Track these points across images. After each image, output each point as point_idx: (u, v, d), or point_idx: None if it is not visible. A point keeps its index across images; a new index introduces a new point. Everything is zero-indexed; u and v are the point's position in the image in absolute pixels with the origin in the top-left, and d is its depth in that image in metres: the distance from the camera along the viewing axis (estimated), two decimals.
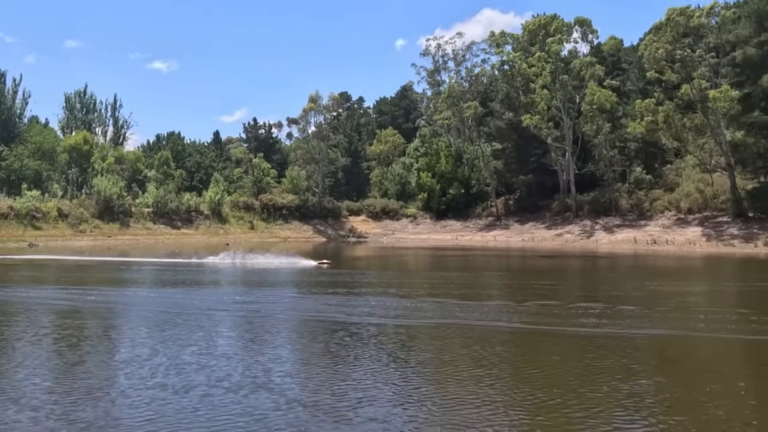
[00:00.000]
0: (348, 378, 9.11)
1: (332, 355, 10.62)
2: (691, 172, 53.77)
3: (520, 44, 65.26)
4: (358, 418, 7.30)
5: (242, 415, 7.36)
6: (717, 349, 11.65)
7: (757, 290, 20.98)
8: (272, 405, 7.76)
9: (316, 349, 11.26)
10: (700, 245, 43.48)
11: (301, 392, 8.37)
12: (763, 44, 46.09)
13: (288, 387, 8.61)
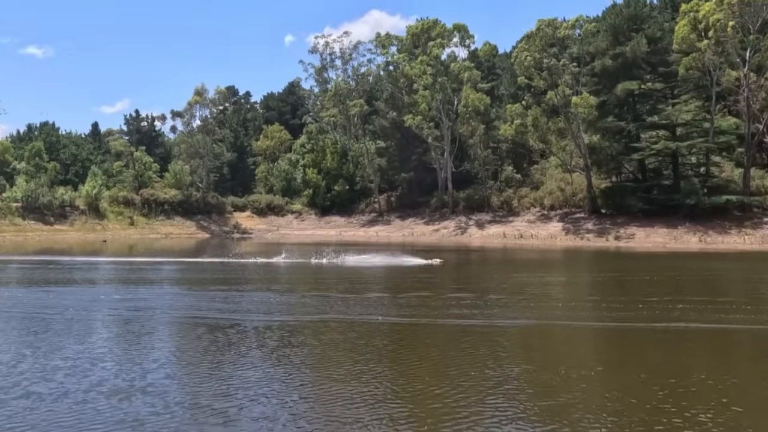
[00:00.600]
0: (232, 377, 8.93)
1: (215, 354, 10.35)
2: (554, 171, 57.46)
3: (405, 46, 66.98)
4: (243, 418, 7.19)
5: (118, 422, 6.97)
6: (573, 336, 12.58)
7: (607, 280, 22.92)
8: (151, 409, 7.41)
9: (198, 349, 10.87)
10: (560, 239, 46.64)
11: (182, 394, 8.08)
12: (618, 56, 50.11)
13: (168, 389, 8.28)
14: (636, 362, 10.06)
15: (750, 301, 16.97)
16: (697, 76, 49.70)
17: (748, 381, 8.95)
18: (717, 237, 41.94)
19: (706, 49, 46.87)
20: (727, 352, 11.36)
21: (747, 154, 47.35)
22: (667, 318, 13.54)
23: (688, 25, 48.73)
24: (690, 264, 29.27)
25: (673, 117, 48.25)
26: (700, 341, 12.00)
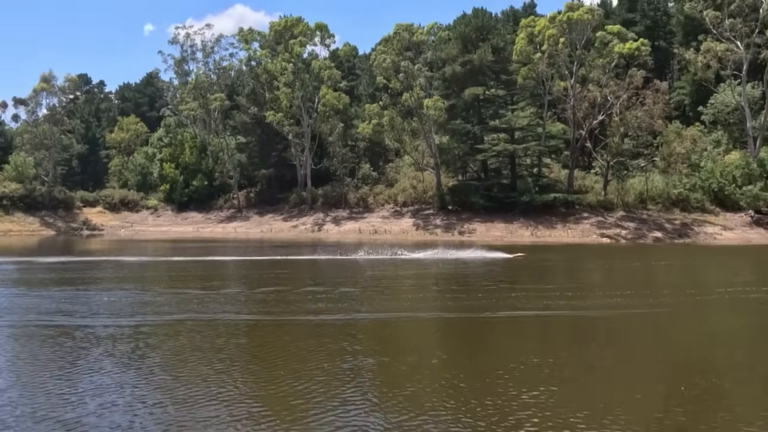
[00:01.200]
0: (86, 385, 8.61)
1: (64, 361, 9.87)
2: (407, 170, 59.63)
3: (268, 42, 66.47)
4: (99, 426, 7.02)
5: None
6: (421, 327, 13.45)
7: (451, 272, 24.63)
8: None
9: (46, 356, 10.29)
10: (411, 234, 48.46)
11: (33, 404, 7.71)
12: (466, 63, 53.08)
13: (15, 400, 7.85)
14: (475, 349, 11.00)
15: (571, 288, 19.14)
16: (533, 85, 54.26)
17: (565, 362, 10.07)
18: (546, 231, 45.96)
19: (540, 61, 51.38)
20: (551, 336, 12.62)
21: (572, 157, 52.51)
22: (503, 306, 14.93)
23: (525, 39, 53.01)
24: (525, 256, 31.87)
25: (512, 122, 52.10)
26: (530, 327, 13.30)
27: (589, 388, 8.74)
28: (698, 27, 56.82)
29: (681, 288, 19.90)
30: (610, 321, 13.96)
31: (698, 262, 29.86)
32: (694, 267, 28.13)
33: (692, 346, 11.98)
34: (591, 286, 21.02)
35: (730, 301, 16.84)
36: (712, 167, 50.29)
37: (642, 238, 44.70)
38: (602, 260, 29.94)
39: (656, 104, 50.43)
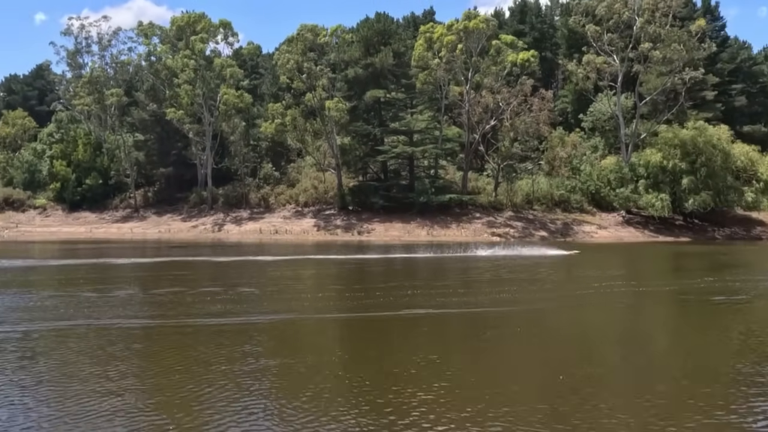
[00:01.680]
0: None
1: None
2: (309, 170, 59.67)
3: (168, 38, 64.46)
4: None
5: None
6: (319, 327, 13.58)
7: (351, 271, 25.20)
8: None
9: None
10: (312, 234, 48.63)
11: None
12: (368, 66, 53.98)
13: None
14: (375, 348, 11.28)
15: (462, 285, 20.19)
16: (431, 90, 56.07)
17: (457, 358, 10.57)
18: (441, 230, 47.68)
19: (438, 66, 53.26)
20: (445, 334, 13.00)
21: (466, 159, 54.82)
22: (399, 305, 15.32)
23: (424, 45, 54.73)
24: (420, 254, 32.49)
25: (411, 124, 53.69)
26: (426, 324, 13.60)
27: (480, 383, 9.07)
28: (580, 40, 60.83)
29: (561, 284, 21.56)
30: (499, 317, 14.62)
31: (578, 259, 31.85)
32: (574, 263, 29.98)
33: (571, 338, 12.74)
34: (481, 283, 22.05)
35: (604, 295, 18.23)
36: (590, 171, 54.23)
37: (529, 236, 47.41)
38: (493, 258, 31.24)
39: (542, 111, 53.64)
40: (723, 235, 51.12)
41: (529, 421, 7.36)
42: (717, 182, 50.30)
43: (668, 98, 58.27)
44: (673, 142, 51.91)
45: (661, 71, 57.83)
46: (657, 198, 49.95)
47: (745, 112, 67.95)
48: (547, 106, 54.95)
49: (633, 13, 56.11)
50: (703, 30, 57.47)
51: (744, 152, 53.04)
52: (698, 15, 64.93)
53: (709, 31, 62.67)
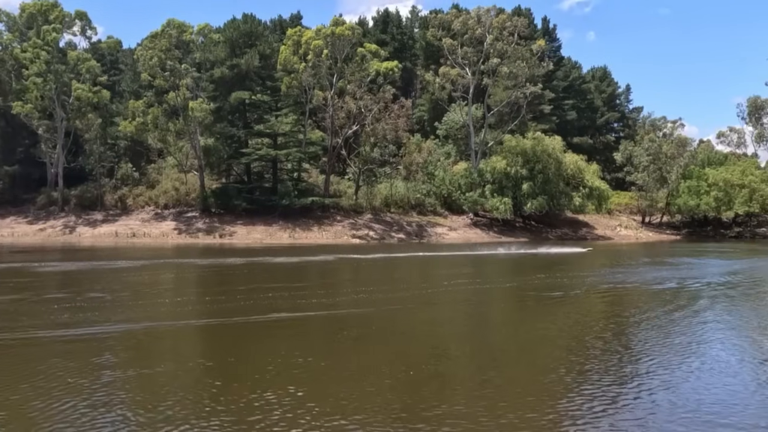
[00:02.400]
0: None
1: None
2: (170, 171, 57.32)
3: (17, 25, 59.42)
4: None
5: None
6: (180, 334, 13.15)
7: (212, 274, 24.63)
8: None
9: None
10: (172, 237, 46.78)
11: None
12: (234, 67, 53.16)
13: None
14: (231, 354, 11.12)
15: (321, 287, 20.53)
16: (296, 93, 56.55)
17: (313, 361, 10.54)
18: (303, 233, 48.08)
19: (304, 70, 53.86)
20: (305, 337, 13.00)
21: (329, 163, 55.94)
22: (260, 308, 15.25)
23: (291, 48, 55.06)
24: (279, 256, 32.43)
25: (276, 127, 53.51)
26: (286, 328, 13.56)
27: (337, 382, 9.35)
28: (437, 53, 64.23)
29: (416, 283, 22.76)
30: (357, 318, 14.91)
31: (430, 259, 33.58)
32: (426, 264, 31.65)
33: (423, 335, 13.36)
34: (341, 284, 22.59)
35: (453, 293, 19.45)
36: (443, 176, 57.63)
37: (387, 238, 49.55)
38: (353, 261, 32.23)
39: (401, 118, 56.15)
40: (555, 235, 56.48)
41: (383, 413, 7.81)
42: (551, 188, 55.40)
43: (512, 110, 63.17)
44: (515, 150, 56.47)
45: (507, 85, 62.56)
46: (501, 202, 54.17)
47: (575, 125, 75.25)
48: (406, 114, 57.56)
49: (484, 30, 60.17)
50: (542, 50, 63.00)
51: (574, 161, 58.78)
52: (538, 36, 70.90)
53: (547, 51, 68.75)
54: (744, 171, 64.29)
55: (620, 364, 10.27)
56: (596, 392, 8.58)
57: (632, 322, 14.52)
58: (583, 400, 8.25)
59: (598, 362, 10.32)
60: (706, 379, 9.25)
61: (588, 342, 12.08)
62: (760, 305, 17.61)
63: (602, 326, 14.07)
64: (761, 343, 11.81)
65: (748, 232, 63.26)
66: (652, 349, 11.44)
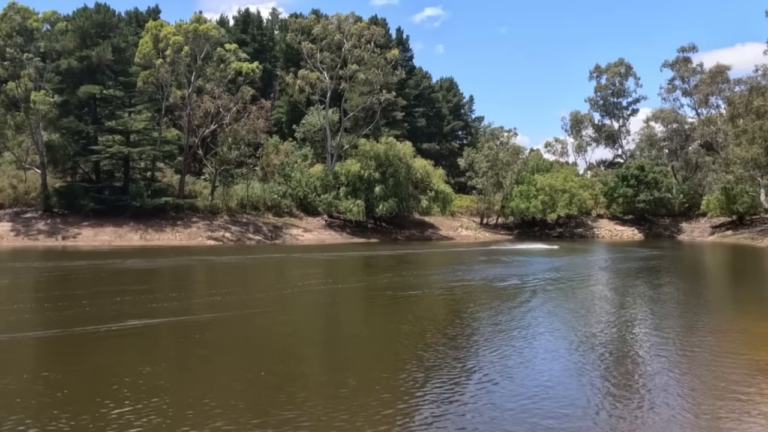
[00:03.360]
0: None
1: None
2: (7, 168, 52.85)
3: None
4: None
5: None
6: (11, 348, 11.91)
7: (55, 279, 22.92)
8: None
9: None
10: (8, 239, 42.88)
11: None
12: (84, 59, 49.86)
13: None
14: (76, 367, 10.37)
15: (174, 290, 19.72)
16: (152, 90, 54.63)
17: (162, 371, 10.10)
18: (156, 234, 46.38)
19: (162, 66, 52.00)
20: (155, 346, 12.35)
21: (184, 162, 54.63)
22: (106, 315, 14.21)
23: (150, 42, 52.86)
24: (130, 258, 31.08)
25: (129, 124, 51.03)
26: (134, 337, 12.71)
27: (187, 390, 9.05)
28: (297, 55, 64.95)
29: (271, 284, 22.89)
30: (211, 323, 14.44)
31: (285, 260, 33.87)
32: (281, 265, 31.87)
33: (276, 338, 13.18)
34: (195, 288, 22.09)
35: (307, 293, 19.92)
36: (300, 177, 58.73)
37: (244, 240, 49.35)
38: (208, 263, 31.82)
39: (259, 119, 56.44)
40: (404, 236, 59.83)
41: (234, 421, 7.75)
42: (401, 191, 58.59)
43: (367, 115, 65.62)
44: (369, 154, 58.91)
45: (362, 91, 64.81)
46: (354, 204, 56.39)
47: (424, 132, 79.77)
48: (265, 115, 57.85)
49: (343, 36, 61.83)
50: (396, 59, 65.92)
51: (422, 165, 62.62)
52: (393, 45, 74.09)
53: (400, 60, 72.05)
54: (566, 177, 72.02)
55: (465, 356, 10.88)
56: (444, 384, 9.11)
57: (474, 318, 15.57)
58: (432, 393, 8.70)
59: (445, 356, 10.87)
60: (538, 366, 10.31)
61: (435, 338, 12.49)
62: (579, 297, 19.47)
63: (447, 322, 14.80)
64: (581, 331, 13.36)
65: (568, 232, 71.11)
66: (492, 341, 12.29)
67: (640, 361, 10.80)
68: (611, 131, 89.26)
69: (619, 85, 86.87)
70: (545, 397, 8.54)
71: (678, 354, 11.25)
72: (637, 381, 9.43)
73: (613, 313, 16.15)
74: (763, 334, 13.10)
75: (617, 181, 73.20)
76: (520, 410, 8.01)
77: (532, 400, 8.38)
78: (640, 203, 71.12)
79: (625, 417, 7.77)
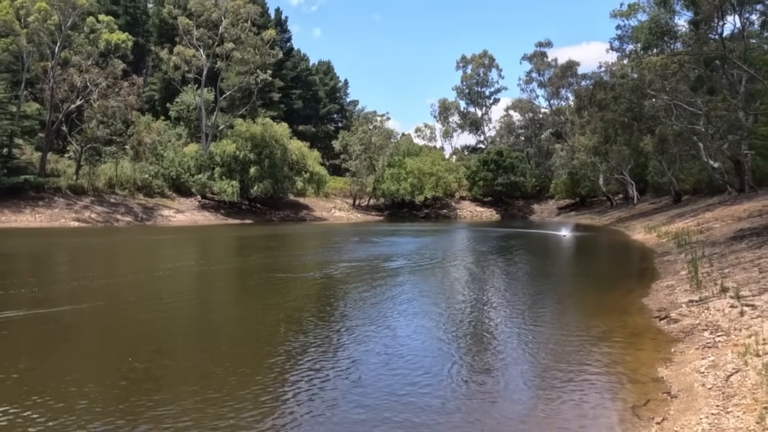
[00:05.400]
0: None
1: None
2: None
3: None
4: None
5: None
6: None
7: None
8: None
9: None
10: None
11: None
12: None
13: None
14: None
15: (31, 277, 17.39)
16: (10, 60, 49.84)
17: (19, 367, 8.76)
18: (12, 216, 42.05)
19: (24, 35, 47.44)
20: (19, 341, 10.90)
21: (46, 139, 50.37)
22: None
23: (8, 7, 47.78)
24: None
25: None
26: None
27: (38, 391, 8.07)
28: (172, 31, 61.91)
29: (141, 267, 21.44)
30: (68, 314, 12.99)
31: (156, 242, 32.40)
32: (152, 247, 30.28)
33: (140, 327, 12.11)
34: (54, 274, 20.17)
35: (179, 275, 19.12)
36: (173, 157, 56.41)
37: (112, 221, 46.67)
38: (71, 245, 29.84)
39: (131, 96, 53.36)
40: (278, 217, 59.69)
41: (95, 418, 7.20)
42: (277, 172, 58.28)
43: (244, 95, 64.30)
44: (245, 135, 57.87)
45: (239, 70, 63.34)
46: (229, 185, 55.34)
47: (301, 114, 79.46)
48: (137, 92, 54.75)
49: (221, 13, 59.86)
50: (273, 39, 65.00)
51: (298, 147, 62.58)
52: (271, 25, 72.74)
53: (278, 41, 71.04)
54: (433, 161, 75.39)
55: (338, 339, 10.78)
56: (315, 369, 8.92)
57: (345, 299, 15.38)
58: (304, 380, 8.49)
59: (317, 341, 10.62)
60: (411, 344, 10.40)
61: (308, 322, 12.15)
62: (442, 276, 19.72)
63: (320, 306, 14.44)
64: (448, 307, 13.74)
65: (434, 213, 74.70)
66: (362, 321, 12.23)
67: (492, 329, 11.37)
68: (475, 118, 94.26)
69: (483, 75, 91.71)
70: (405, 366, 8.88)
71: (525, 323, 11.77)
72: (486, 348, 9.97)
73: (475, 289, 16.74)
74: (596, 305, 14.21)
75: (479, 166, 77.76)
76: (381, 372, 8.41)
77: (393, 371, 8.71)
78: (498, 186, 76.18)
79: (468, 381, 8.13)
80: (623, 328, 11.32)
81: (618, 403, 7.52)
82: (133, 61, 61.58)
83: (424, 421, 6.99)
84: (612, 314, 12.65)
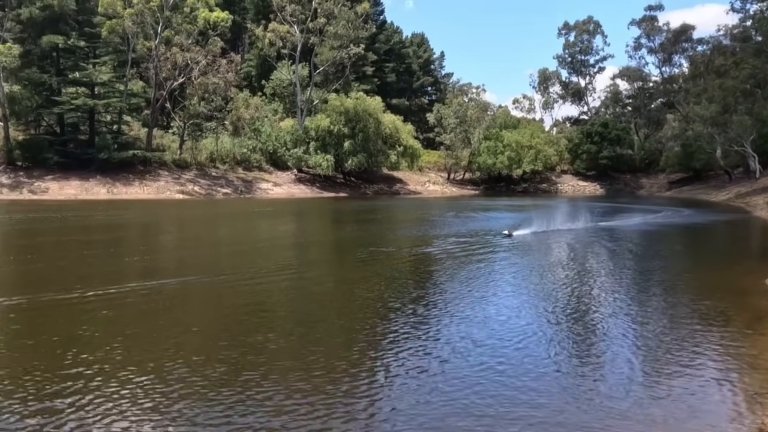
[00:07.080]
0: None
1: None
2: None
3: None
4: None
5: None
6: None
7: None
8: None
9: None
10: None
11: None
12: (46, 8, 46.93)
13: None
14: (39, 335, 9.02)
15: (143, 247, 17.47)
16: (118, 41, 53.12)
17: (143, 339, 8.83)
18: (123, 188, 45.33)
19: (128, 17, 50.37)
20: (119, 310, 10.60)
21: (152, 115, 53.55)
22: (71, 277, 12.05)
23: None
24: (96, 211, 30.69)
25: (94, 76, 49.71)
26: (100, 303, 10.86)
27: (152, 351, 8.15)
28: (268, 8, 63.44)
29: (242, 238, 21.87)
30: (177, 288, 12.67)
31: (256, 214, 33.30)
32: (252, 219, 31.13)
33: (249, 293, 12.24)
34: (164, 245, 21.08)
35: (279, 247, 19.73)
36: (270, 132, 58.27)
37: (213, 193, 49.27)
38: (178, 218, 31.26)
39: (229, 73, 55.44)
40: (372, 190, 60.13)
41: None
42: (370, 146, 58.50)
43: (337, 70, 64.88)
44: (339, 109, 58.45)
45: (333, 45, 63.91)
46: (324, 158, 56.35)
47: (394, 87, 79.03)
48: (234, 69, 56.77)
49: None
50: (366, 12, 64.86)
51: (391, 121, 62.44)
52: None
53: (371, 14, 70.82)
54: (532, 134, 72.78)
55: (425, 317, 10.37)
56: (402, 344, 8.77)
57: (438, 276, 15.16)
58: (392, 351, 8.44)
59: (406, 316, 10.37)
60: (497, 325, 9.88)
61: (401, 298, 11.88)
62: (542, 256, 18.73)
63: (429, 281, 14.28)
64: (544, 290, 13.12)
65: (533, 187, 72.33)
66: (459, 299, 11.95)
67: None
68: (578, 88, 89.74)
69: (587, 42, 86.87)
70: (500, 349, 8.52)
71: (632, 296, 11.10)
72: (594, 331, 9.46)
73: (583, 266, 15.89)
74: (713, 285, 13.09)
75: (581, 138, 74.16)
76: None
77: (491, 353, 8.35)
78: (602, 159, 72.38)
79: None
80: (744, 310, 10.25)
81: (738, 391, 6.93)
82: (231, 39, 63.95)
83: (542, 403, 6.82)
84: (730, 295, 11.51)
